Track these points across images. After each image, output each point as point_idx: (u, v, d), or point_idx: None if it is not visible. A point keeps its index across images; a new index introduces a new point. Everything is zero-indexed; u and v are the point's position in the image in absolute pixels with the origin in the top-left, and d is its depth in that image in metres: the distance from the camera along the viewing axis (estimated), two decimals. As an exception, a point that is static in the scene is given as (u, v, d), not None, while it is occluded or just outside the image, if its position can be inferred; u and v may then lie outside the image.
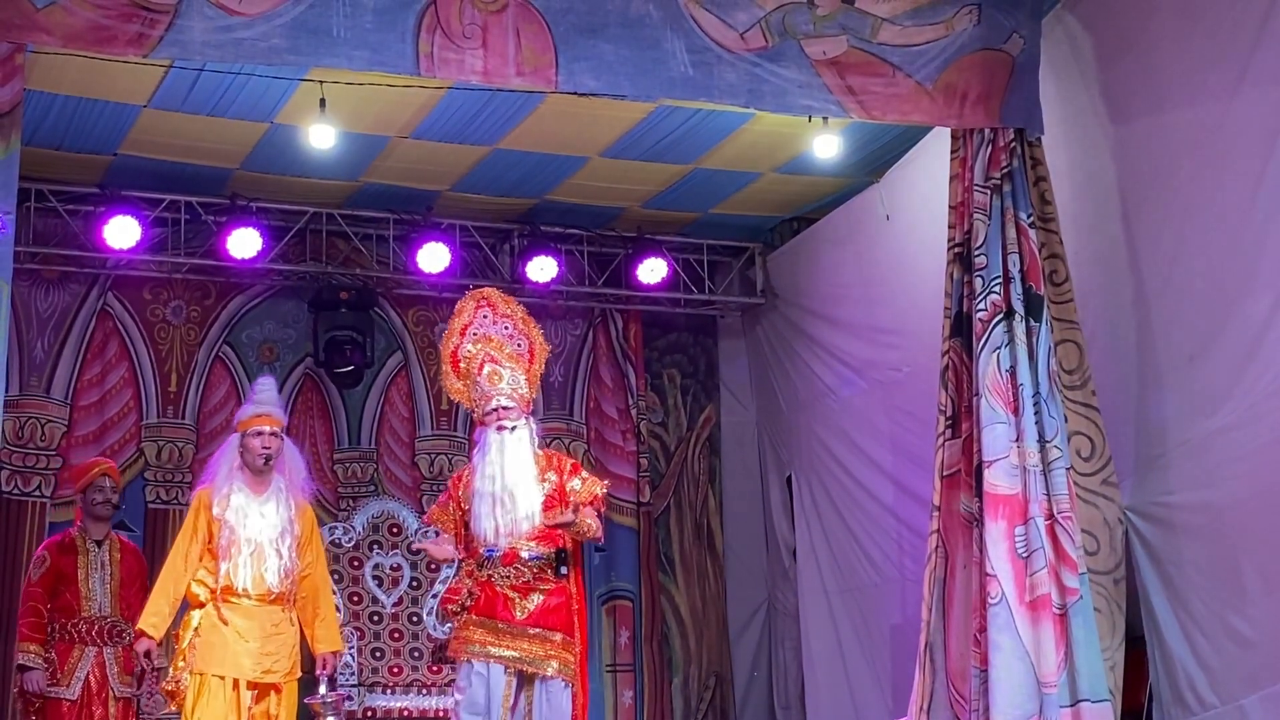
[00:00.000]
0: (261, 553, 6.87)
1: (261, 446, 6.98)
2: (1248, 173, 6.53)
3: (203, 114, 8.40)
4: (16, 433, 9.20)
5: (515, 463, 6.70)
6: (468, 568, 6.78)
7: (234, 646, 6.79)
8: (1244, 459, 6.54)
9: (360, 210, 9.80)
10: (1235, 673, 6.57)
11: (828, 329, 9.82)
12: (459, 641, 6.72)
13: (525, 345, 6.99)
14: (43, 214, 9.21)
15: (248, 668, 6.80)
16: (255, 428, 7.01)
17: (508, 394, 6.81)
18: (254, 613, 6.86)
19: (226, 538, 6.85)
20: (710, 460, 10.76)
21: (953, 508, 7.20)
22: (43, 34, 6.17)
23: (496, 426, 6.77)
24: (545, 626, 6.66)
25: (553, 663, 6.63)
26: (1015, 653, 6.77)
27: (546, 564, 6.71)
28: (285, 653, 6.93)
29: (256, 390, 7.27)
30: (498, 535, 6.65)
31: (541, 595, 6.69)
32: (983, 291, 7.13)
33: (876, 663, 9.14)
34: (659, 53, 6.87)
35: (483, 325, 7.01)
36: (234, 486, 6.96)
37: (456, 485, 6.95)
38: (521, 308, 7.13)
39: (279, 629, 6.92)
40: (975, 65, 7.27)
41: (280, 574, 6.89)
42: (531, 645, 6.64)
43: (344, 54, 6.52)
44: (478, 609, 6.68)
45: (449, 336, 7.03)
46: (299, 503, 7.11)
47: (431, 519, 7.08)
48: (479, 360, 6.88)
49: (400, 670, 8.82)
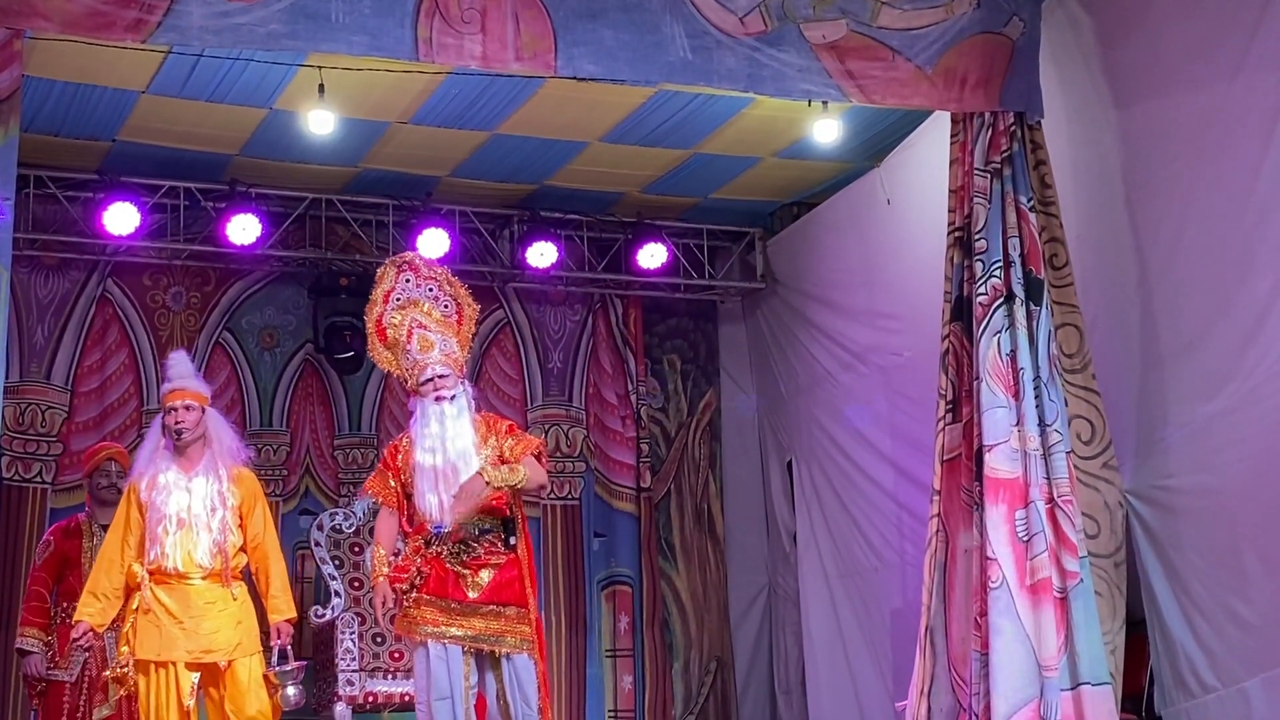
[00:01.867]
0: (190, 531, 6.67)
1: (175, 422, 6.77)
2: (1249, 156, 6.53)
3: (201, 100, 8.39)
4: (17, 419, 9.21)
5: (456, 434, 6.54)
6: (414, 544, 6.58)
7: (169, 630, 6.61)
8: (1244, 442, 6.55)
9: (360, 196, 9.79)
10: (1236, 655, 6.58)
11: (828, 314, 9.81)
12: (409, 621, 6.52)
13: (453, 307, 6.81)
14: (42, 200, 9.20)
15: (183, 650, 6.61)
16: (169, 404, 6.81)
17: (441, 361, 6.63)
18: (187, 592, 6.65)
19: (153, 519, 6.66)
20: (710, 445, 10.76)
21: (953, 492, 7.21)
22: (41, 20, 6.17)
23: (435, 397, 6.58)
24: (499, 602, 6.50)
25: (508, 638, 6.49)
26: (1016, 636, 6.78)
27: (495, 536, 6.56)
28: (227, 629, 6.70)
29: (168, 366, 7.02)
30: (442, 511, 6.49)
31: (492, 570, 6.53)
32: (983, 276, 7.13)
33: (877, 647, 9.14)
34: (658, 37, 6.86)
35: (406, 290, 6.83)
36: (160, 466, 6.76)
37: (394, 456, 6.72)
38: (445, 269, 6.94)
39: (216, 606, 6.70)
40: (975, 49, 7.26)
41: (212, 551, 6.69)
42: (486, 622, 6.48)
43: (343, 39, 6.51)
44: (428, 588, 6.50)
45: (372, 305, 6.83)
46: (234, 471, 6.87)
47: (371, 488, 6.79)
48: (405, 328, 6.68)
49: (401, 655, 8.82)
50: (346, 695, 8.60)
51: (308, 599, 9.45)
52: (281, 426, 9.85)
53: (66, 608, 7.76)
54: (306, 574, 9.60)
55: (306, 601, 9.40)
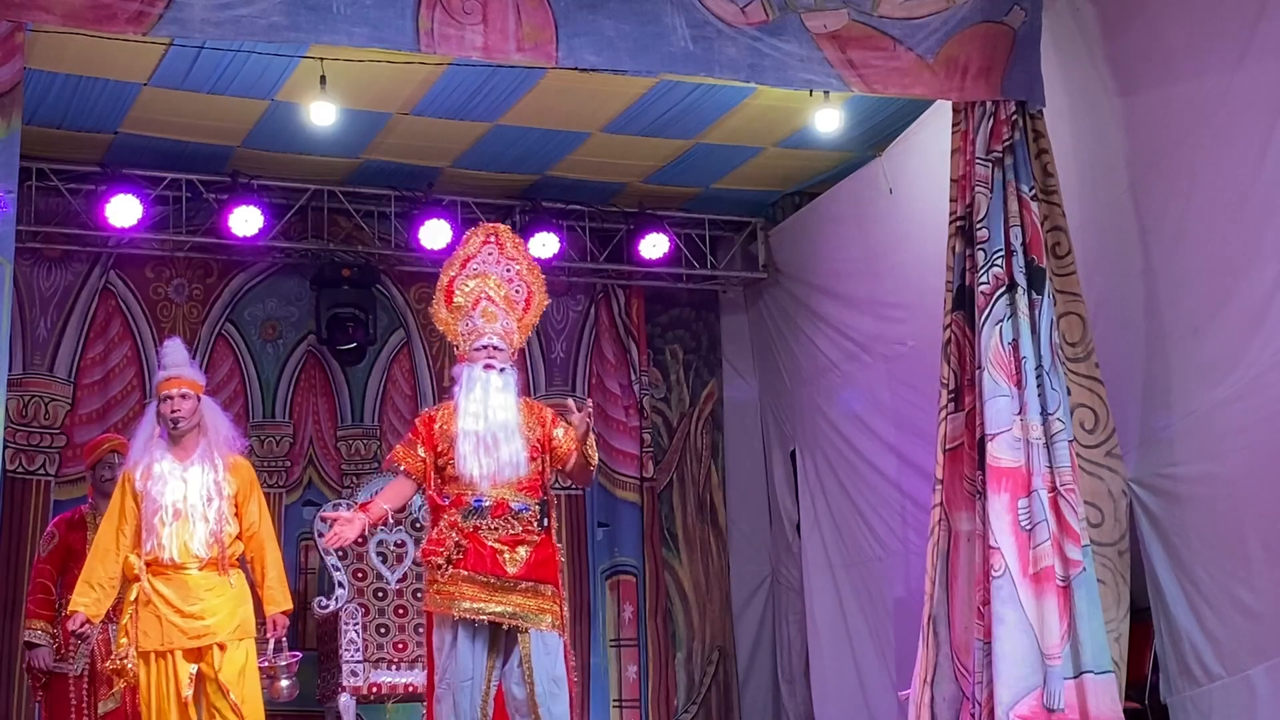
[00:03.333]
0: (187, 521, 6.61)
1: (170, 411, 6.69)
2: (1252, 144, 6.52)
3: (203, 92, 8.39)
4: (20, 412, 9.21)
5: (500, 405, 6.41)
6: (450, 519, 6.38)
7: (168, 619, 6.54)
8: (1248, 430, 6.55)
9: (361, 187, 9.79)
10: (1241, 643, 6.59)
11: (831, 303, 9.81)
12: (444, 597, 6.31)
13: (524, 293, 6.66)
14: (44, 193, 9.20)
15: (180, 637, 6.54)
16: (164, 392, 6.72)
17: (500, 334, 6.51)
18: (185, 582, 6.58)
19: (149, 509, 6.58)
20: (713, 435, 10.76)
21: (955, 481, 7.21)
22: (42, 12, 6.17)
23: (484, 364, 6.45)
24: (537, 579, 6.37)
25: (546, 616, 6.35)
26: (1019, 625, 6.79)
27: (533, 515, 6.42)
28: (225, 613, 6.61)
29: (163, 354, 6.91)
30: (482, 479, 6.34)
31: (529, 548, 6.38)
32: (985, 265, 7.13)
33: (881, 636, 9.15)
34: (659, 28, 6.87)
35: (485, 262, 6.65)
36: (155, 456, 6.69)
37: (428, 424, 6.54)
38: (530, 254, 6.77)
39: (214, 592, 6.62)
40: (976, 38, 7.26)
41: (208, 541, 6.62)
42: (524, 599, 6.34)
43: (344, 30, 6.52)
44: (466, 563, 6.32)
45: (449, 265, 6.69)
46: (229, 460, 6.79)
47: (397, 457, 6.54)
48: (474, 296, 6.55)
49: (405, 646, 8.83)
50: (350, 686, 8.61)
51: (311, 590, 9.47)
52: (284, 418, 9.85)
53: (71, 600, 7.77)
54: (310, 565, 9.62)
55: (310, 592, 9.43)
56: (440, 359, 10.14)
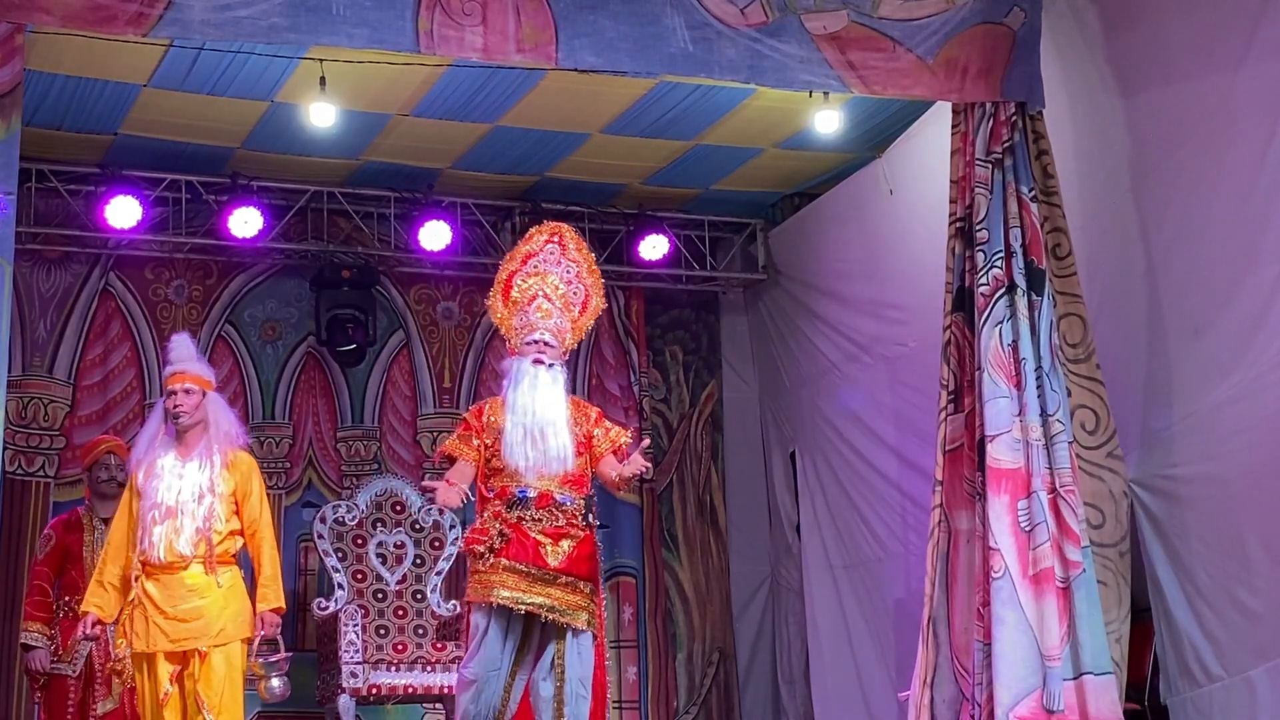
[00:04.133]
0: (175, 518, 6.51)
1: (173, 406, 6.60)
2: (1254, 144, 6.52)
3: (203, 93, 8.39)
4: (20, 413, 9.21)
5: (548, 400, 6.41)
6: (494, 509, 6.40)
7: (155, 620, 6.46)
8: (1249, 431, 6.55)
9: (361, 189, 9.79)
10: (1242, 645, 6.59)
11: (831, 304, 9.81)
12: (483, 586, 6.31)
13: (581, 294, 6.67)
14: (44, 194, 9.20)
15: (164, 639, 6.45)
16: (169, 388, 6.66)
17: (554, 331, 6.53)
18: (171, 582, 6.48)
19: (145, 507, 6.52)
20: (713, 436, 10.76)
21: (955, 482, 7.21)
22: (42, 14, 6.18)
23: (534, 359, 6.46)
24: (577, 574, 6.35)
25: (583, 614, 6.33)
26: (1018, 626, 6.79)
27: (577, 510, 6.41)
28: (211, 616, 6.49)
29: (170, 349, 6.85)
30: (528, 471, 6.36)
31: (572, 542, 6.36)
32: (984, 266, 7.13)
33: (881, 637, 9.15)
34: (659, 29, 6.87)
35: (547, 261, 6.66)
36: (159, 452, 6.62)
37: (479, 416, 6.58)
38: (592, 256, 6.76)
39: (200, 593, 6.50)
40: (976, 39, 7.26)
41: (194, 539, 6.51)
42: (564, 594, 6.32)
43: (343, 32, 6.52)
44: (508, 552, 6.30)
45: (509, 259, 6.70)
46: (230, 456, 6.69)
47: (450, 449, 6.59)
48: (531, 293, 6.56)
49: (404, 647, 8.82)
50: (350, 687, 8.60)
51: (311, 591, 9.47)
52: (284, 419, 9.85)
53: (68, 601, 7.76)
54: (310, 566, 9.62)
55: (310, 594, 9.43)
56: (440, 360, 10.14)
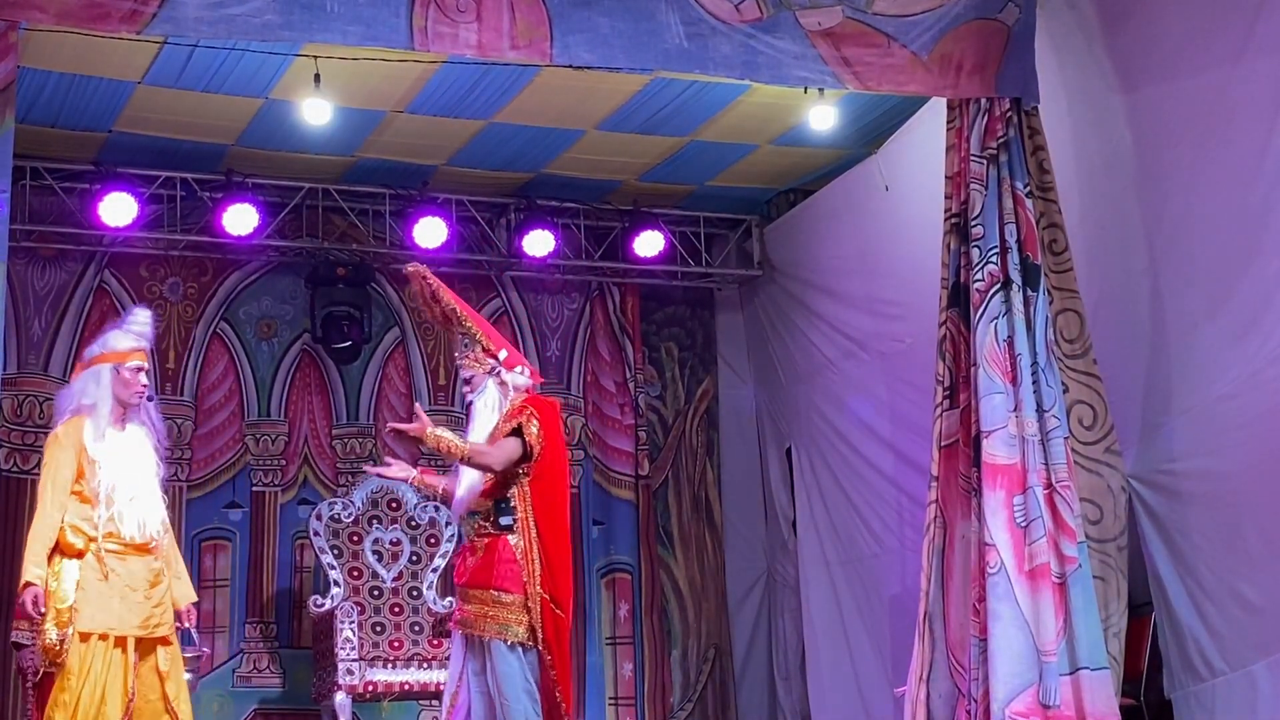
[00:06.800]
0: (145, 498, 6.42)
1: (141, 384, 6.48)
2: (1253, 139, 6.52)
3: (197, 90, 8.39)
4: (15, 410, 9.21)
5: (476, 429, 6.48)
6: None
7: (123, 600, 6.25)
8: (1247, 425, 6.55)
9: (356, 185, 9.79)
10: (1244, 639, 6.59)
11: (827, 301, 9.81)
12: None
13: (439, 312, 6.71)
14: (38, 192, 9.20)
15: (134, 622, 6.27)
16: (135, 362, 6.48)
17: (463, 365, 6.61)
18: (137, 564, 6.33)
19: (106, 481, 6.29)
20: (708, 433, 10.76)
21: (951, 478, 7.21)
22: (36, 11, 6.17)
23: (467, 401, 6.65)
24: (477, 585, 6.32)
25: (490, 624, 6.27)
26: (1014, 621, 6.79)
27: (484, 518, 6.37)
28: (169, 603, 6.44)
29: (131, 320, 6.62)
30: (460, 504, 6.51)
31: (478, 554, 6.38)
32: (980, 262, 7.12)
33: (877, 633, 9.15)
34: (654, 25, 6.86)
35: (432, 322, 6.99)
36: (110, 421, 6.40)
37: None
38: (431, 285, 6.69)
39: (160, 579, 6.41)
40: (970, 35, 7.26)
41: (163, 521, 6.47)
42: (472, 606, 6.34)
43: (338, 29, 6.51)
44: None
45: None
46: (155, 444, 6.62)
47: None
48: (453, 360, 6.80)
49: (400, 645, 8.82)
50: (346, 684, 8.60)
51: (307, 588, 9.48)
52: (279, 416, 9.85)
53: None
54: (305, 564, 9.62)
55: (306, 591, 9.43)
56: (435, 357, 10.14)
